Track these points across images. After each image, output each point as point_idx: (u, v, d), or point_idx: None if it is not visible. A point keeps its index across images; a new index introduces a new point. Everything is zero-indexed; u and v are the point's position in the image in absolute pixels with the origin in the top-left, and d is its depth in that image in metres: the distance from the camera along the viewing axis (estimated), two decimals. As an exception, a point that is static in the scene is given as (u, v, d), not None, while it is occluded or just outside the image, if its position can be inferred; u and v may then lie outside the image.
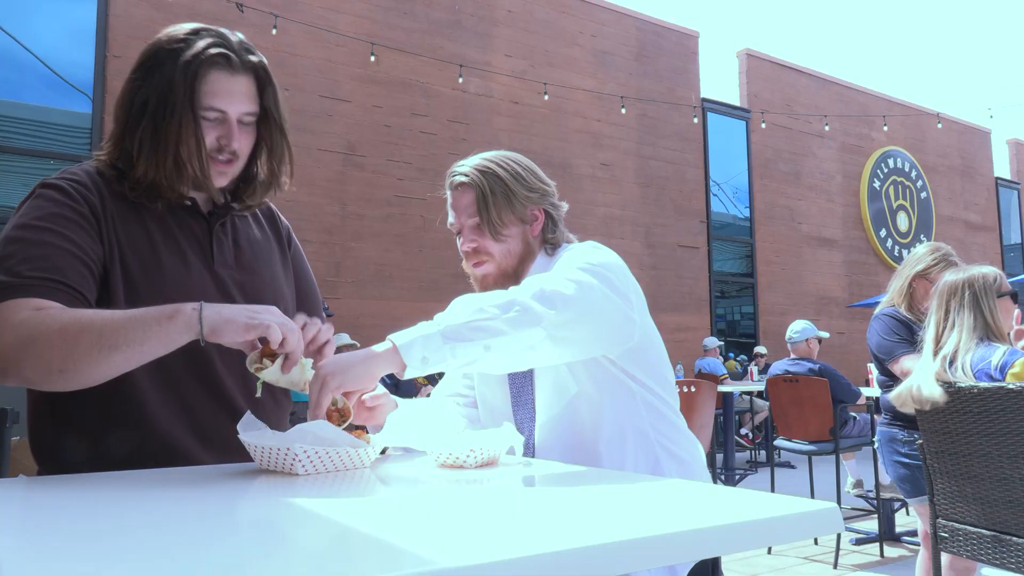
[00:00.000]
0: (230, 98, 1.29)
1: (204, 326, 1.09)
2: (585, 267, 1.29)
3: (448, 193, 1.52)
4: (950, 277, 2.44)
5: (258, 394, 1.17)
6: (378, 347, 1.16)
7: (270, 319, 1.10)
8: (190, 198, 1.36)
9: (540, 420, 1.45)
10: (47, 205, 1.22)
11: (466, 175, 1.47)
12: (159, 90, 1.26)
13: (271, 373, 1.13)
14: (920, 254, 2.93)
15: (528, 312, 1.17)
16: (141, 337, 1.09)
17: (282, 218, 1.59)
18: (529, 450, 1.46)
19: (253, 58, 1.33)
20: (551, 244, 1.52)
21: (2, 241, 1.19)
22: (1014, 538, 1.99)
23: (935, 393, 2.18)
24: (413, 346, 1.13)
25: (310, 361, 1.19)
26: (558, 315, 1.18)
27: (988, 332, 2.33)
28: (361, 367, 1.14)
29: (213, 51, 1.27)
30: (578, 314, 1.21)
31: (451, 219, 1.51)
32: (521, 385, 1.49)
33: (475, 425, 1.58)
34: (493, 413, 1.55)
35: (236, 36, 1.33)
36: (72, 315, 1.12)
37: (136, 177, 1.29)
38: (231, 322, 1.09)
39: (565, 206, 1.56)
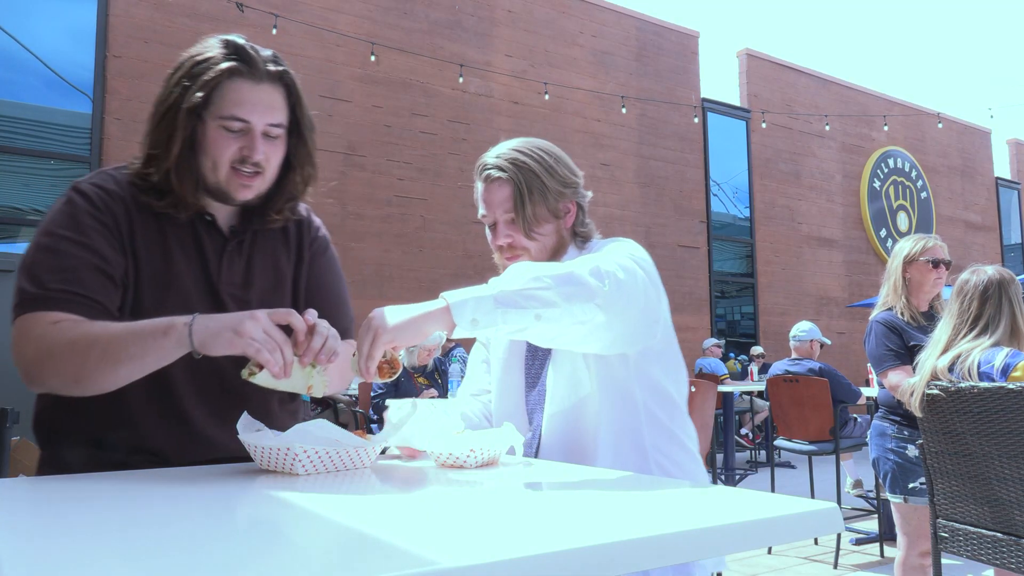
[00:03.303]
0: (253, 108, 1.26)
1: (194, 341, 1.11)
2: (631, 257, 1.30)
3: (480, 184, 1.49)
4: (975, 277, 2.37)
5: (247, 376, 1.15)
6: (430, 304, 1.13)
7: (254, 336, 1.08)
8: (210, 213, 1.35)
9: (549, 411, 1.43)
10: (75, 212, 1.25)
11: (502, 170, 1.44)
12: (179, 100, 1.25)
13: (263, 379, 1.12)
14: (899, 247, 2.91)
15: (583, 287, 1.17)
16: (140, 352, 1.13)
17: (316, 227, 1.54)
18: (536, 439, 1.45)
19: (278, 68, 1.29)
20: (581, 237, 1.52)
21: (33, 246, 1.23)
22: (1014, 538, 1.98)
23: (916, 401, 2.20)
24: (465, 307, 1.11)
25: (320, 368, 1.16)
26: (610, 294, 1.18)
27: (1014, 334, 2.29)
28: (412, 323, 1.12)
29: (233, 60, 1.25)
30: (626, 299, 1.22)
31: (483, 211, 1.48)
32: (537, 374, 1.48)
33: (484, 424, 1.57)
34: (506, 398, 1.53)
35: (265, 51, 1.31)
36: (81, 330, 1.16)
37: (157, 186, 1.29)
38: (218, 336, 1.10)
39: (590, 195, 1.55)
